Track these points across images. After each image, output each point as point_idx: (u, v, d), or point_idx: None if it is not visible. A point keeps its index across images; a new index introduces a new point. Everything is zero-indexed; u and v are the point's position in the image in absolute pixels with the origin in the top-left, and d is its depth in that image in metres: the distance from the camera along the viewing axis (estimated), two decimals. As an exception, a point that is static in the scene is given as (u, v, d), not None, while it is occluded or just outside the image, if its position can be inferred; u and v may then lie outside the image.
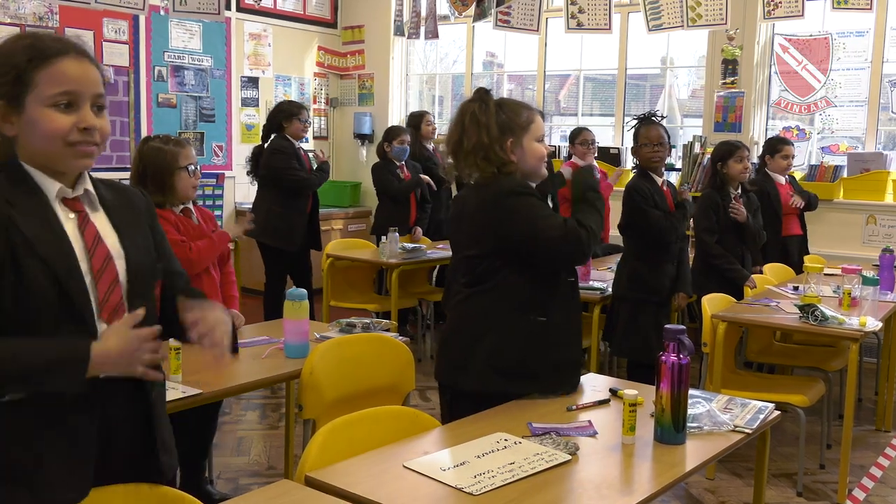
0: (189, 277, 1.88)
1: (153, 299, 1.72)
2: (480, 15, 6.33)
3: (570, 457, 1.92)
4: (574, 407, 2.29)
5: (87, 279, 1.56)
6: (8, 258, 1.49)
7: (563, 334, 2.46)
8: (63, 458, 1.54)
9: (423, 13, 7.06)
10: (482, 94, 2.48)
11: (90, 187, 1.64)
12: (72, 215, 1.59)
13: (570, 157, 5.97)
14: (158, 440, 1.67)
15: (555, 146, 6.96)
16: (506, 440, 2.00)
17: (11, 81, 1.52)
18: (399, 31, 7.62)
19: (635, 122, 4.11)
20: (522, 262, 2.41)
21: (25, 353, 1.48)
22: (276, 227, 5.39)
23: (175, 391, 2.37)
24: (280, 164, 5.39)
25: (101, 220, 1.64)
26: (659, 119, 4.07)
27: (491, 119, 2.42)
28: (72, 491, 1.56)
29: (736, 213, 4.43)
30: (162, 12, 6.76)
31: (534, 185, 2.50)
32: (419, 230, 6.00)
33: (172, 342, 2.48)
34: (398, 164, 5.99)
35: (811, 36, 6.15)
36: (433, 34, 7.11)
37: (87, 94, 1.56)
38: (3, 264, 1.48)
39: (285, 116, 5.43)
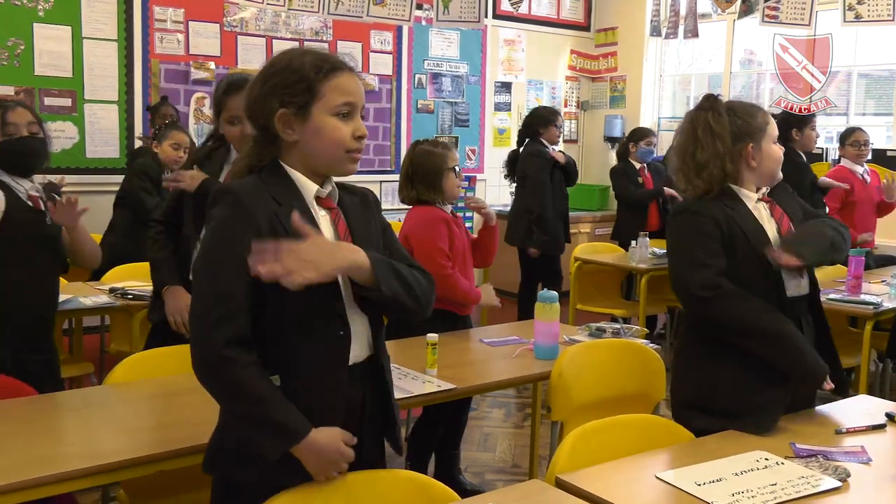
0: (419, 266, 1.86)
1: None
2: (746, 11, 6.03)
3: (839, 483, 1.78)
4: (844, 430, 2.12)
5: None
6: None
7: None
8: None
9: (683, 12, 6.85)
10: (713, 102, 2.32)
11: (334, 186, 1.76)
12: (323, 212, 1.72)
13: (839, 160, 5.51)
14: (394, 414, 1.81)
15: (821, 148, 6.47)
16: (766, 459, 1.89)
17: (303, 91, 1.67)
18: (656, 32, 7.44)
19: None
20: None
21: (267, 403, 1.58)
22: (540, 230, 5.53)
23: (431, 385, 2.49)
24: (533, 168, 5.60)
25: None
26: None
27: (725, 128, 2.27)
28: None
29: None
30: (424, 23, 7.09)
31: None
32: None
33: (430, 337, 2.60)
34: (639, 166, 5.93)
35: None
36: (693, 33, 6.87)
37: (359, 105, 1.72)
38: None
39: (542, 123, 5.67)
